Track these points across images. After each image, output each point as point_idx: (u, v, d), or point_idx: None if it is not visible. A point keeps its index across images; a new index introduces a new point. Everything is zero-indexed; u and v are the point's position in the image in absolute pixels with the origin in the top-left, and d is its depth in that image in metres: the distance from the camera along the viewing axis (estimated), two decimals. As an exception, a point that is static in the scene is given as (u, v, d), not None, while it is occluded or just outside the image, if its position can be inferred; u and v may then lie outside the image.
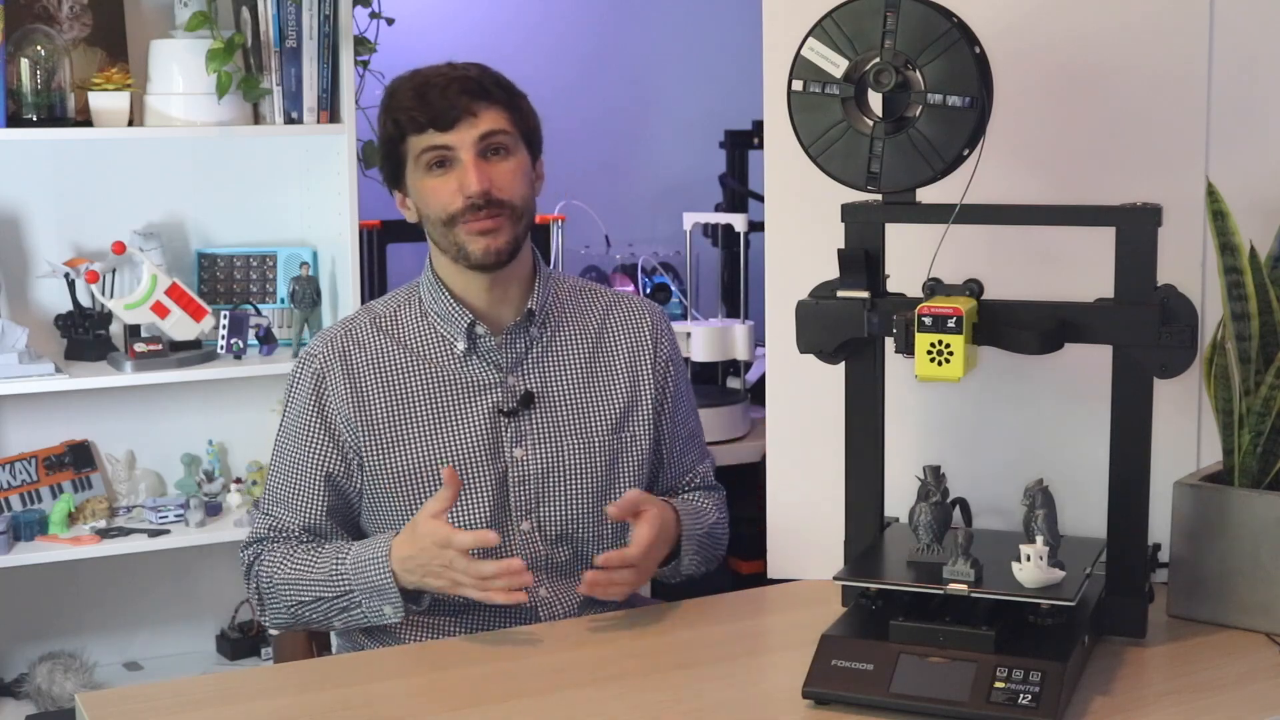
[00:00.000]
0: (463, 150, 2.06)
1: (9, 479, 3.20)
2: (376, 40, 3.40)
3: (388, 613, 2.02)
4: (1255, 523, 1.94)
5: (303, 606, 2.07)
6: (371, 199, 3.23)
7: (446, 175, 2.08)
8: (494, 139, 2.07)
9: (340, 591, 2.03)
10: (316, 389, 2.14)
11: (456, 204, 2.07)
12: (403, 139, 2.09)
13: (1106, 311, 1.85)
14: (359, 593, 2.02)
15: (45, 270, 3.22)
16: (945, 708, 1.68)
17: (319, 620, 2.09)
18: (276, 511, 2.15)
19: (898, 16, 1.81)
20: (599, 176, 4.31)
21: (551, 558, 2.13)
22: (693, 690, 1.80)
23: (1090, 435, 2.02)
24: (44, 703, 3.20)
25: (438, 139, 2.06)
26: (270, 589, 2.10)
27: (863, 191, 1.89)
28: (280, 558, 2.10)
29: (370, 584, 2.01)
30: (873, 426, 1.98)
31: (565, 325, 2.20)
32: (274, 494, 2.16)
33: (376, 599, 2.01)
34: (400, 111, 2.08)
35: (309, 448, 2.13)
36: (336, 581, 2.04)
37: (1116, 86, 2.12)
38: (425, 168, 2.09)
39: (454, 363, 2.13)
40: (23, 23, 3.08)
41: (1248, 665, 1.85)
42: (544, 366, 2.16)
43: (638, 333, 2.24)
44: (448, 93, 2.06)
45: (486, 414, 2.12)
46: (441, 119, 2.05)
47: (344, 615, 2.06)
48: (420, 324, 2.15)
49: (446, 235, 2.10)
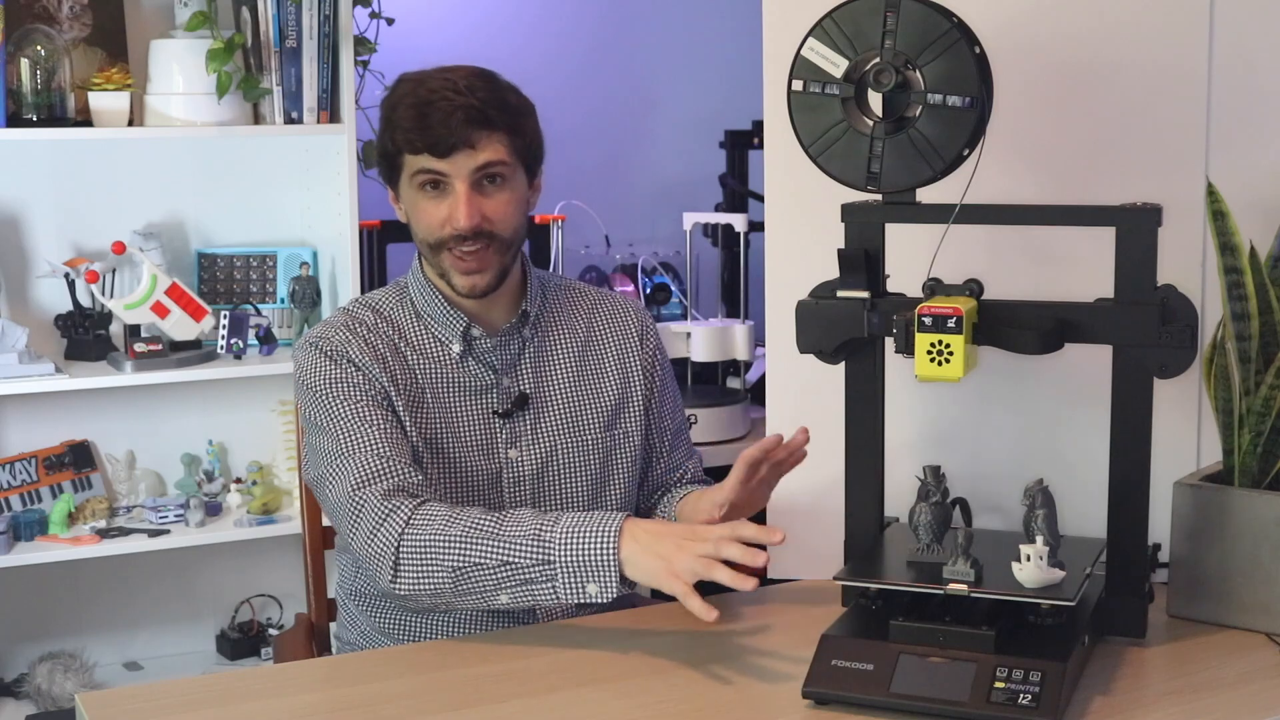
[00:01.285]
0: (457, 180, 2.02)
1: (9, 479, 3.20)
2: (376, 40, 3.40)
3: (591, 591, 1.83)
4: (1255, 523, 1.94)
5: (472, 570, 1.87)
6: (371, 199, 3.23)
7: (439, 200, 2.04)
8: (491, 169, 2.03)
9: (538, 560, 1.85)
10: (341, 353, 2.06)
11: (445, 232, 2.04)
12: (400, 151, 2.06)
13: (1106, 311, 1.85)
14: (561, 566, 1.84)
15: (45, 270, 3.22)
16: (945, 708, 1.68)
17: (474, 591, 1.89)
18: (370, 463, 1.97)
19: (898, 16, 1.81)
20: (599, 176, 4.31)
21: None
22: (693, 690, 1.80)
23: (1090, 435, 2.02)
24: (44, 703, 3.21)
25: (433, 164, 2.02)
26: (428, 547, 1.89)
27: (863, 191, 1.89)
28: (440, 512, 1.92)
29: (583, 555, 1.83)
30: (873, 426, 1.98)
31: (556, 326, 2.19)
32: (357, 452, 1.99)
33: (584, 575, 1.83)
34: (399, 130, 2.03)
35: (360, 390, 2.03)
36: (535, 548, 1.85)
37: (1117, 86, 2.12)
38: (418, 187, 2.05)
39: (450, 364, 2.12)
40: (23, 23, 3.09)
41: (1248, 665, 1.85)
42: (537, 367, 2.16)
43: (624, 330, 2.23)
44: (450, 121, 2.00)
45: (481, 415, 2.12)
46: (439, 146, 2.00)
47: (520, 588, 1.87)
48: (415, 325, 2.14)
49: (434, 258, 2.08)
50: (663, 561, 1.81)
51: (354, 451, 1.99)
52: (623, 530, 1.84)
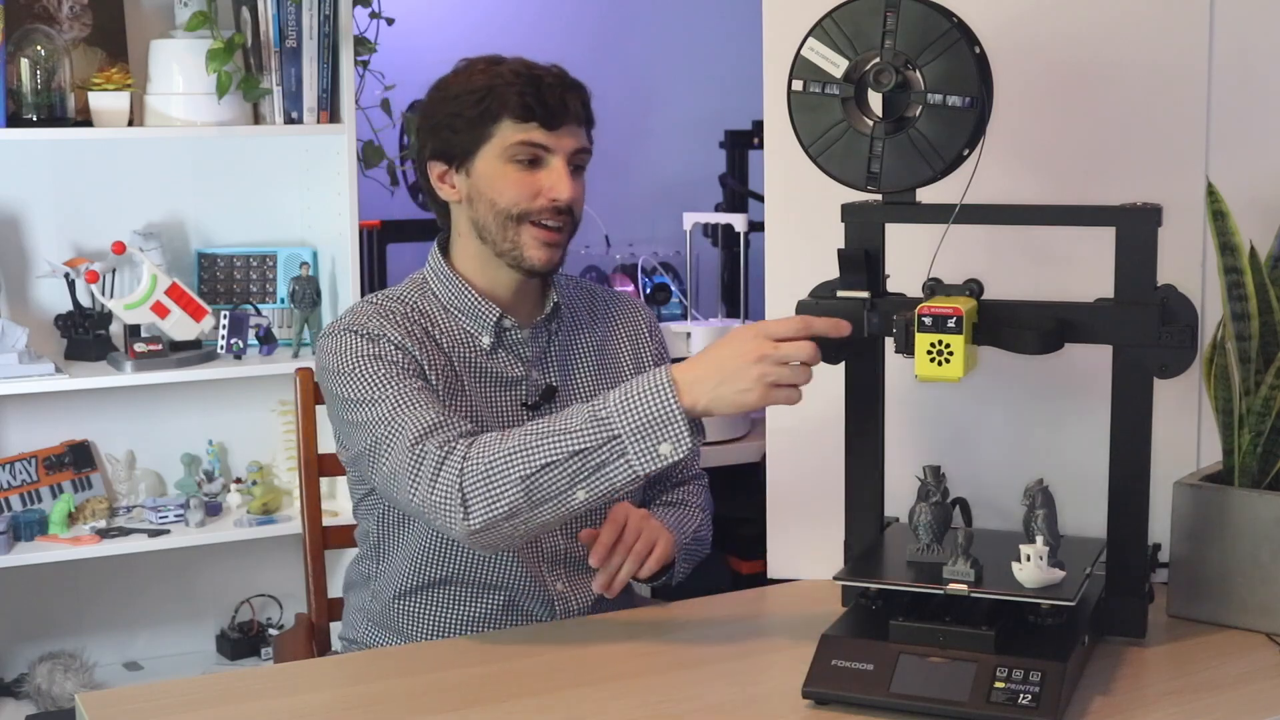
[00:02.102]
0: (558, 155, 2.05)
1: (9, 479, 3.20)
2: (376, 40, 3.40)
3: (664, 451, 1.77)
4: (1255, 523, 1.94)
5: (542, 473, 1.80)
6: (371, 199, 3.23)
7: (534, 172, 2.05)
8: (580, 156, 2.09)
9: (603, 439, 1.78)
10: (379, 334, 2.02)
11: (538, 203, 2.04)
12: (495, 120, 2.04)
13: (1106, 311, 1.85)
14: (628, 436, 1.77)
15: (45, 270, 3.22)
16: (945, 708, 1.68)
17: (550, 496, 1.81)
18: (427, 418, 1.91)
19: (898, 16, 1.81)
20: (599, 176, 4.30)
21: (569, 552, 2.13)
22: (693, 690, 1.80)
23: (1090, 435, 2.02)
24: (44, 703, 3.21)
25: (540, 136, 2.03)
26: (492, 467, 1.82)
27: (863, 191, 1.89)
28: (494, 436, 1.86)
29: (646, 419, 1.77)
30: (873, 426, 1.98)
31: (576, 320, 2.22)
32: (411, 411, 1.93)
33: (653, 437, 1.77)
34: (508, 93, 2.02)
35: (401, 367, 1.99)
36: (596, 429, 1.78)
37: (1117, 86, 2.12)
38: (511, 158, 2.05)
39: (479, 356, 2.12)
40: (23, 23, 3.09)
41: (1248, 665, 1.85)
42: (562, 360, 2.17)
43: (636, 327, 2.27)
44: (565, 95, 2.05)
45: (510, 407, 2.12)
46: (553, 118, 2.03)
47: (594, 476, 1.79)
48: (443, 316, 2.12)
49: (507, 229, 2.06)
50: (727, 386, 1.76)
51: (408, 411, 1.93)
52: (675, 380, 1.77)
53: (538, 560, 2.12)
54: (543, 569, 2.12)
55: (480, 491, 1.82)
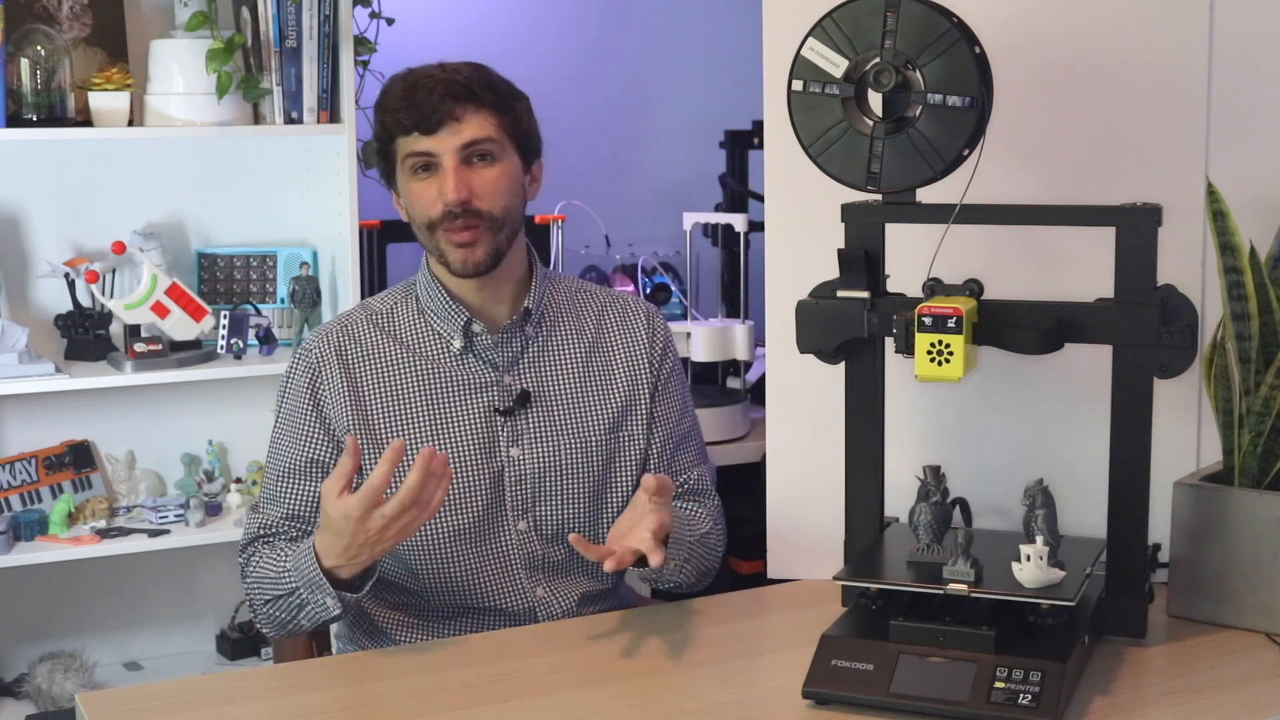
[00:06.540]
0: (445, 156, 2.04)
1: (9, 479, 3.20)
2: (376, 40, 3.40)
3: (329, 604, 1.94)
4: (1255, 523, 1.94)
5: (274, 604, 2.02)
6: (371, 199, 3.23)
7: (429, 180, 2.06)
8: (478, 146, 2.05)
9: (289, 589, 1.98)
10: (312, 383, 2.14)
11: (436, 210, 2.06)
12: (391, 140, 2.09)
13: (1106, 311, 1.85)
14: (303, 588, 1.96)
15: (45, 270, 3.22)
16: (945, 708, 1.68)
17: (288, 620, 2.02)
18: (268, 509, 2.13)
19: (898, 16, 1.81)
20: (599, 176, 4.31)
21: (548, 557, 2.13)
22: (693, 690, 1.80)
23: (1090, 435, 2.02)
24: (44, 703, 3.20)
25: (421, 144, 2.05)
26: (250, 592, 2.07)
27: (863, 191, 1.89)
28: (260, 559, 2.06)
29: (308, 578, 1.94)
30: (873, 426, 1.98)
31: (562, 325, 2.19)
32: (267, 491, 2.15)
33: (318, 592, 1.94)
34: (388, 113, 2.08)
35: (301, 437, 2.13)
36: (284, 579, 1.99)
37: (1117, 86, 2.12)
38: (411, 170, 2.08)
39: (450, 360, 2.13)
40: (23, 23, 3.08)
41: (1248, 665, 1.85)
42: (540, 366, 2.16)
43: (634, 332, 2.23)
44: (433, 96, 2.03)
45: (482, 412, 2.12)
46: (425, 123, 2.04)
47: (301, 613, 1.99)
48: (417, 321, 2.15)
49: (429, 240, 2.10)
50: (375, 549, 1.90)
51: (265, 504, 2.14)
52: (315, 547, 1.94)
53: (514, 569, 2.12)
54: (520, 575, 2.12)
55: (255, 609, 2.08)
